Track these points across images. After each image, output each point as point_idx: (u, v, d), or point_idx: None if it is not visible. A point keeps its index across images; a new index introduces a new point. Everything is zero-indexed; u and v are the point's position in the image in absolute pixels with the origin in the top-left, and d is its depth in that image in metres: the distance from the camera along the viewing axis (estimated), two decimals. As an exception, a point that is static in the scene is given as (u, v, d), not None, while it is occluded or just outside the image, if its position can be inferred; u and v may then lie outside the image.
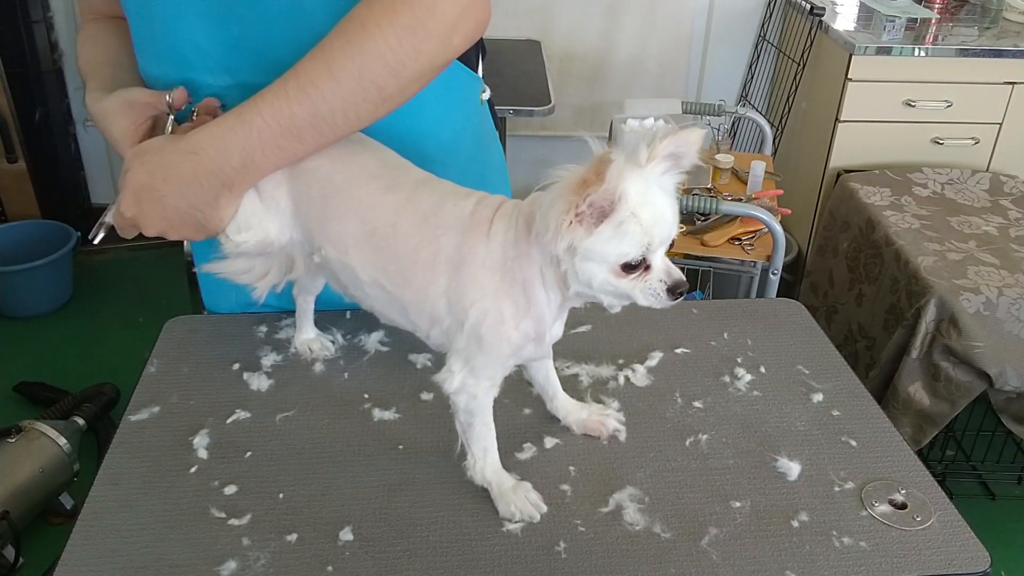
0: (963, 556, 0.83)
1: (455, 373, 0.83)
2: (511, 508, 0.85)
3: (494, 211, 0.81)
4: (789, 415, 1.01)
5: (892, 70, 2.58)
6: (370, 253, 0.85)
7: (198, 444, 0.94)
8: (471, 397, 0.84)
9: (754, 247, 2.09)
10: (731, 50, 3.16)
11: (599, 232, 0.72)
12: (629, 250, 0.73)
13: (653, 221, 0.73)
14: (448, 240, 0.81)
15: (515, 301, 0.80)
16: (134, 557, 0.81)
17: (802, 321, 1.18)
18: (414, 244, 0.82)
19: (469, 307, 0.80)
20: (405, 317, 0.87)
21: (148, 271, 3.10)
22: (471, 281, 0.80)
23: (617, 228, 0.72)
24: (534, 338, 0.83)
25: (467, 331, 0.81)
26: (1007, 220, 2.36)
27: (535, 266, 0.79)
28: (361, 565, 0.81)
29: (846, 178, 2.55)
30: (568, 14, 3.02)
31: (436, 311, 0.83)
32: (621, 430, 0.97)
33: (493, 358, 0.83)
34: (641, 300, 0.76)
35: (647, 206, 0.72)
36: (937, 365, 2.01)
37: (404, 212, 0.84)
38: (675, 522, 0.86)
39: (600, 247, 0.73)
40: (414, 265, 0.82)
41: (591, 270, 0.75)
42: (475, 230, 0.81)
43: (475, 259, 0.80)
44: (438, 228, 0.82)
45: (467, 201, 0.83)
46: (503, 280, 0.80)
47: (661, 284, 0.76)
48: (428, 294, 0.82)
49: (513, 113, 2.49)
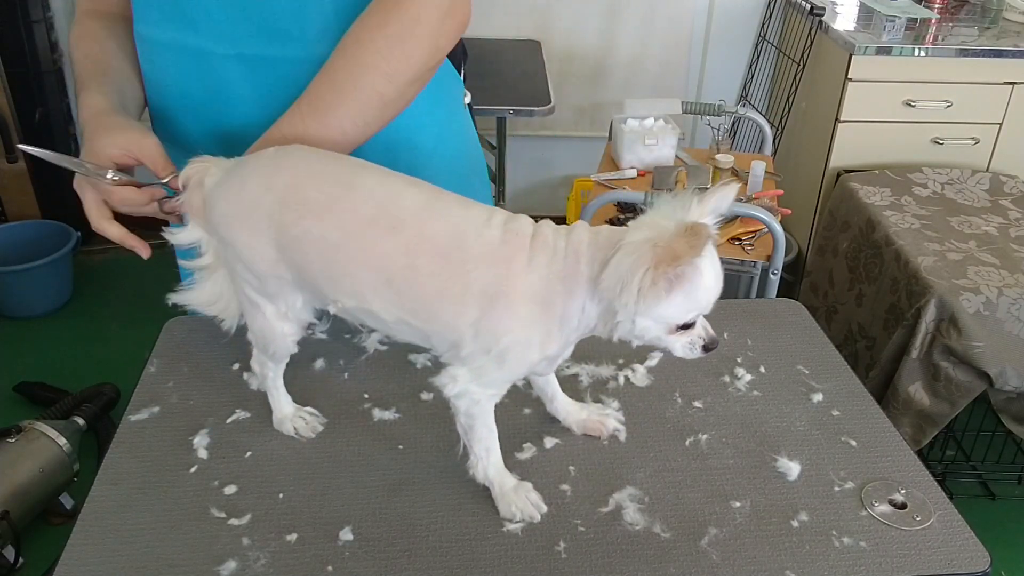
0: (963, 556, 0.83)
1: (457, 380, 0.82)
2: (512, 508, 0.86)
3: (529, 239, 0.79)
4: (789, 415, 1.01)
5: (892, 70, 2.58)
6: (391, 297, 0.81)
7: (198, 444, 0.94)
8: (473, 402, 0.84)
9: (754, 247, 2.09)
10: (731, 50, 3.16)
11: (671, 299, 0.74)
12: (690, 315, 0.78)
13: (710, 290, 0.77)
14: (479, 274, 0.78)
15: (548, 330, 0.80)
16: (134, 557, 0.81)
17: (802, 321, 1.18)
18: (440, 281, 0.79)
19: (502, 336, 0.79)
20: (426, 342, 0.85)
21: (148, 271, 3.08)
22: (508, 312, 0.78)
23: (688, 296, 0.75)
24: (552, 358, 0.84)
25: (492, 356, 0.80)
26: (1007, 220, 2.36)
27: (578, 302, 0.78)
28: (361, 565, 0.81)
29: (846, 178, 2.55)
30: (568, 14, 3.02)
31: (462, 339, 0.80)
32: (621, 430, 0.97)
33: (507, 375, 0.83)
34: (678, 352, 0.81)
35: (711, 275, 0.76)
36: (937, 365, 2.01)
37: (419, 251, 0.79)
38: (675, 522, 0.86)
39: (666, 311, 0.76)
40: (441, 301, 0.79)
41: (648, 327, 0.78)
42: (511, 262, 0.78)
43: (513, 292, 0.78)
44: (465, 263, 0.78)
45: (490, 229, 0.79)
46: (542, 312, 0.79)
47: (700, 340, 0.81)
48: (455, 325, 0.80)
49: (513, 113, 2.49)
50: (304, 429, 0.96)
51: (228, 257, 0.87)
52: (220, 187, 0.86)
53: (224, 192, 0.85)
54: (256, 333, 0.91)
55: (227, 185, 0.85)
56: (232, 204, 0.84)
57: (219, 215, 0.85)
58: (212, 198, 0.86)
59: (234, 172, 0.86)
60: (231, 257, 0.87)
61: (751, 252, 2.08)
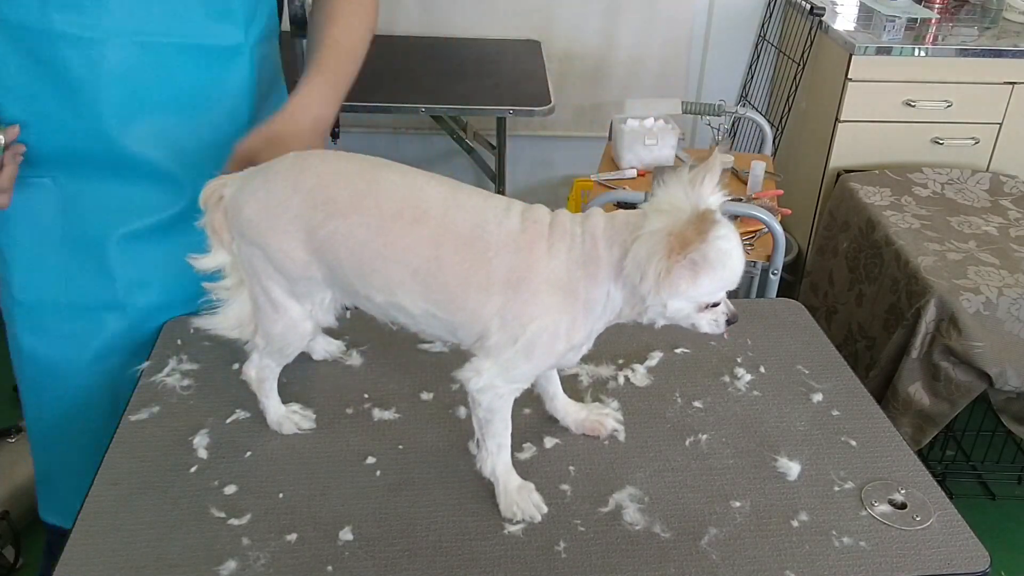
0: (963, 556, 0.83)
1: (482, 373, 0.83)
2: (513, 508, 0.86)
3: (547, 227, 0.81)
4: (789, 415, 1.01)
5: (892, 70, 2.58)
6: (418, 288, 0.82)
7: (198, 444, 0.94)
8: (497, 396, 0.84)
9: (754, 247, 2.09)
10: (731, 50, 3.16)
11: (698, 283, 0.77)
12: (719, 294, 0.81)
13: (738, 266, 0.80)
14: (501, 261, 0.80)
15: (574, 318, 0.81)
16: (134, 557, 0.81)
17: (802, 321, 1.18)
18: (464, 270, 0.80)
19: (528, 324, 0.80)
20: (453, 335, 0.86)
21: (148, 271, 3.08)
22: (532, 299, 0.80)
23: (716, 276, 0.78)
24: (577, 347, 0.84)
25: (519, 346, 0.81)
26: (1007, 220, 2.36)
27: (602, 288, 0.80)
28: (361, 565, 0.81)
29: (846, 178, 2.55)
30: (568, 14, 3.02)
31: (488, 329, 0.81)
32: (620, 429, 0.97)
33: (535, 366, 0.84)
34: (704, 328, 0.84)
35: (735, 257, 0.79)
36: (937, 365, 2.01)
37: (443, 242, 0.81)
38: (675, 522, 0.86)
39: (696, 292, 0.79)
40: (466, 290, 0.81)
41: (681, 307, 0.81)
42: (531, 248, 0.80)
43: (536, 278, 0.79)
44: (487, 251, 0.80)
45: (510, 217, 0.81)
46: (565, 298, 0.80)
47: (723, 315, 0.84)
48: (481, 314, 0.81)
49: (513, 113, 2.49)
50: (302, 422, 0.97)
51: (254, 262, 0.87)
52: (243, 192, 0.86)
53: (249, 197, 0.85)
54: (276, 336, 0.91)
55: (251, 189, 0.86)
56: (259, 208, 0.85)
57: (246, 220, 0.85)
58: (236, 204, 0.86)
59: (256, 177, 0.86)
60: (258, 262, 0.86)
61: (751, 252, 2.08)
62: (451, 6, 2.98)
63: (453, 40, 2.98)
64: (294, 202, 0.83)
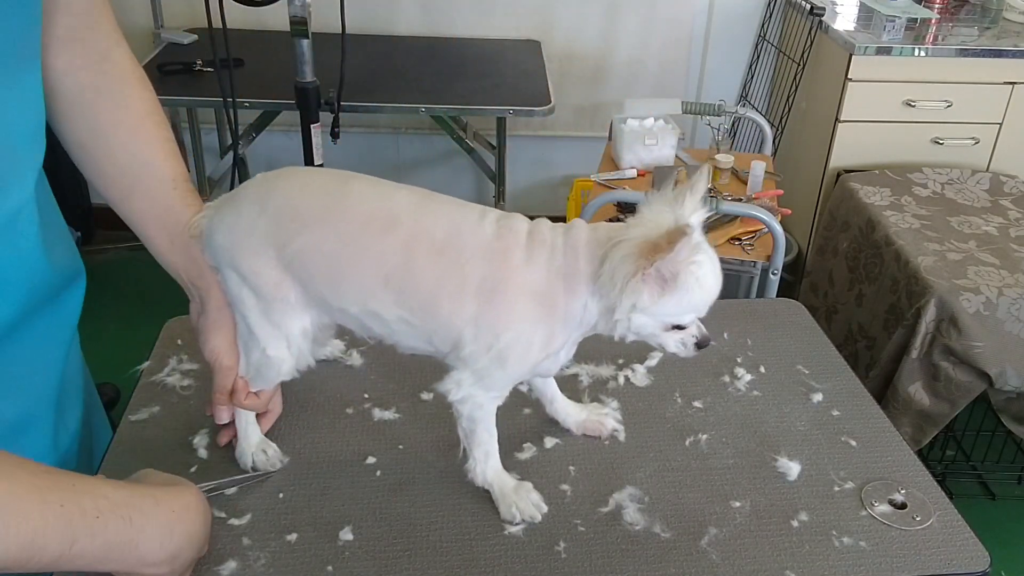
0: (963, 556, 0.83)
1: (461, 384, 0.83)
2: (512, 510, 0.86)
3: (525, 235, 0.80)
4: (789, 415, 1.01)
5: (892, 70, 2.58)
6: (390, 295, 0.81)
7: (198, 444, 0.94)
8: (477, 406, 0.84)
9: (754, 247, 2.09)
10: (731, 50, 3.16)
11: (664, 300, 0.77)
12: (684, 316, 0.81)
13: (708, 293, 0.79)
14: (474, 268, 0.79)
15: (550, 328, 0.80)
16: (134, 557, 0.81)
17: (802, 321, 1.18)
18: (436, 276, 0.80)
19: (501, 332, 0.79)
20: (430, 344, 0.85)
21: (148, 271, 3.08)
22: (506, 308, 0.79)
23: (681, 298, 0.77)
24: (554, 355, 0.84)
25: (492, 354, 0.80)
26: (1007, 220, 2.36)
27: (580, 300, 0.80)
28: (361, 565, 0.81)
29: (846, 178, 2.55)
30: (568, 14, 3.02)
31: (462, 337, 0.81)
32: (620, 429, 0.97)
33: (510, 375, 0.83)
34: (671, 349, 0.84)
35: (707, 279, 0.78)
36: (937, 365, 2.01)
37: (415, 248, 0.80)
38: (675, 522, 0.86)
39: (661, 310, 0.78)
40: (439, 296, 0.80)
41: (644, 323, 0.80)
42: (506, 256, 0.79)
43: (511, 286, 0.79)
44: (460, 257, 0.79)
45: (484, 225, 0.81)
46: (543, 308, 0.79)
47: (692, 339, 0.83)
48: (454, 322, 0.80)
49: (513, 113, 2.49)
50: (264, 463, 0.91)
51: (230, 286, 0.86)
52: (214, 220, 0.85)
53: (218, 224, 0.85)
54: (252, 363, 0.88)
55: (221, 216, 0.85)
56: (229, 233, 0.84)
57: (218, 246, 0.85)
58: (208, 232, 0.86)
59: (226, 203, 0.86)
60: (234, 286, 0.86)
61: (751, 252, 2.08)
62: (451, 6, 2.98)
63: (453, 40, 2.98)
64: (261, 222, 0.82)
